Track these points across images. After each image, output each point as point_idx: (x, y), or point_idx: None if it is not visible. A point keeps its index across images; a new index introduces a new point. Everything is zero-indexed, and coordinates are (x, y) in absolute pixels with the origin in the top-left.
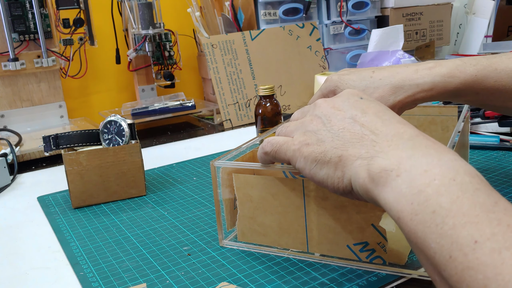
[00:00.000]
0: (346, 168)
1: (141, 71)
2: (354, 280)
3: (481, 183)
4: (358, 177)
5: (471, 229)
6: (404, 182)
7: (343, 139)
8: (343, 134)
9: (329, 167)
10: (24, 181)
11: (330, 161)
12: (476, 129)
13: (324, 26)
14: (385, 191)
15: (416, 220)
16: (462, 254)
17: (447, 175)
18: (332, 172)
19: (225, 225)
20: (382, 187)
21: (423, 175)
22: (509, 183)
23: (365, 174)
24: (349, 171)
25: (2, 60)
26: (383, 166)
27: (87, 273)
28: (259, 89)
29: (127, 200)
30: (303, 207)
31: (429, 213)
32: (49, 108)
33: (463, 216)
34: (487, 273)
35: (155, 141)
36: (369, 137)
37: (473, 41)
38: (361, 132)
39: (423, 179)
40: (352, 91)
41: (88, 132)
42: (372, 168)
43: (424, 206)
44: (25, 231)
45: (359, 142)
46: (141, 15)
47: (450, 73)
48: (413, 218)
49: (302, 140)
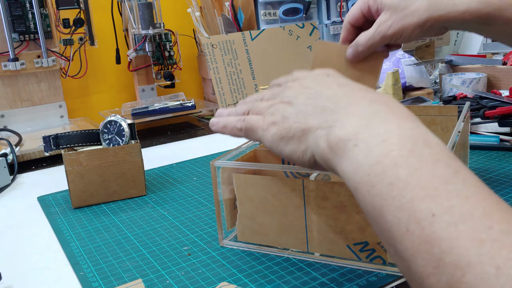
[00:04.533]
0: (308, 140)
1: (141, 71)
2: (354, 280)
3: (441, 153)
4: (318, 147)
5: (429, 202)
6: (361, 152)
7: (305, 113)
8: (306, 108)
9: (294, 141)
10: (24, 181)
11: (294, 136)
12: (476, 129)
13: (324, 26)
14: (343, 161)
15: (373, 192)
16: (420, 228)
17: (405, 145)
18: (296, 146)
19: (225, 225)
20: (340, 157)
21: (381, 145)
22: (509, 183)
23: (324, 144)
24: (310, 142)
25: (2, 60)
26: (341, 135)
27: (87, 273)
28: (259, 89)
29: (127, 200)
30: (303, 207)
31: (387, 185)
32: (49, 108)
33: (422, 190)
34: (442, 247)
35: (155, 141)
36: (329, 107)
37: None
38: (322, 104)
39: (381, 149)
40: (320, 71)
41: (88, 132)
42: (330, 138)
43: (381, 177)
44: (25, 231)
45: (320, 113)
46: (141, 15)
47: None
48: (370, 190)
49: (270, 120)
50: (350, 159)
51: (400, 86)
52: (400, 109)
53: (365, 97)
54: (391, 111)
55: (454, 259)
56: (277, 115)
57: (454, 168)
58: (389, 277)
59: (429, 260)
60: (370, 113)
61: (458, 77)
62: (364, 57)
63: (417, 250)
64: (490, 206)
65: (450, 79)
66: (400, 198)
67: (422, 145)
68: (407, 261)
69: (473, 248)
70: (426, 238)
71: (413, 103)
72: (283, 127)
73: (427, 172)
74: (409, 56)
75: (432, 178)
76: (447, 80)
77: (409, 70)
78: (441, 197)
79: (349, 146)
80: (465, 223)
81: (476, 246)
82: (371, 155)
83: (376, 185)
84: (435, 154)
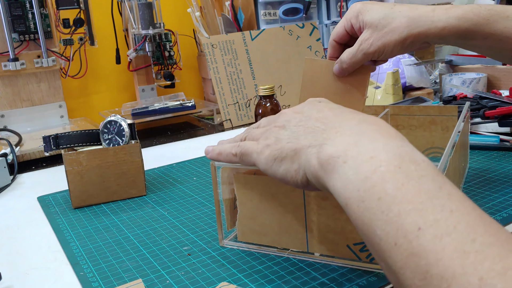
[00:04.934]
0: (300, 159)
1: (141, 71)
2: (354, 280)
3: (427, 169)
4: (309, 165)
5: (415, 216)
6: (350, 168)
7: (297, 134)
8: (298, 130)
9: (286, 162)
10: (24, 181)
11: (286, 156)
12: (476, 129)
13: (324, 26)
14: (333, 177)
15: (363, 207)
16: (407, 241)
17: (393, 162)
18: (289, 166)
19: (225, 225)
20: (330, 174)
21: (369, 162)
22: (509, 183)
23: (315, 161)
24: (302, 161)
25: (2, 60)
26: (330, 153)
27: (87, 273)
28: (259, 89)
29: (127, 200)
30: (303, 207)
31: (375, 200)
32: (49, 108)
33: (408, 203)
34: (429, 259)
35: (155, 141)
36: (319, 128)
37: None
38: (313, 125)
39: (369, 165)
40: (313, 99)
41: (88, 132)
42: (320, 156)
43: (370, 193)
44: (25, 231)
45: (310, 133)
46: (141, 15)
47: (464, 15)
48: (360, 205)
49: (264, 143)
50: (340, 175)
51: (400, 86)
52: (388, 128)
53: (354, 118)
54: (379, 130)
55: (440, 271)
56: (271, 138)
57: (439, 183)
58: None
59: (416, 273)
60: (359, 132)
61: (458, 77)
62: (349, 73)
63: (405, 262)
64: (473, 219)
65: (450, 79)
66: (388, 212)
67: (408, 162)
68: (397, 273)
69: (458, 259)
70: (413, 250)
71: (413, 103)
72: (276, 148)
73: (413, 187)
74: (409, 56)
75: (418, 193)
76: (447, 80)
77: (409, 70)
78: (427, 211)
79: (339, 162)
80: (450, 236)
81: (461, 258)
82: (360, 171)
83: (365, 200)
84: (421, 171)
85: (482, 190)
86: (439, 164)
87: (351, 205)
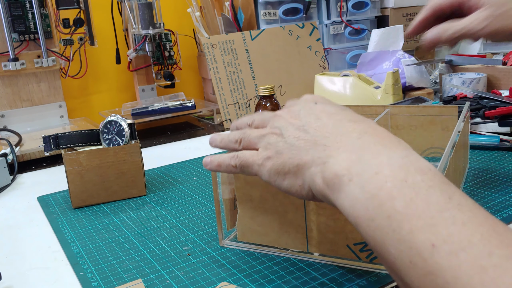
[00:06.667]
0: (304, 176)
1: (141, 71)
2: (354, 280)
3: (434, 179)
4: (315, 183)
5: (427, 233)
6: (357, 186)
7: (298, 148)
8: (298, 143)
9: (290, 177)
10: (24, 181)
11: (289, 171)
12: (476, 129)
13: (324, 26)
14: (340, 197)
15: (373, 226)
16: (422, 260)
17: (398, 175)
18: (293, 181)
19: (225, 225)
20: (337, 192)
21: (375, 178)
22: (509, 183)
23: (320, 180)
24: (306, 178)
25: (2, 60)
26: (335, 171)
27: (87, 273)
28: (259, 89)
29: (127, 200)
30: (303, 207)
31: (385, 218)
32: (49, 108)
33: (419, 219)
34: (446, 277)
35: (155, 141)
36: (320, 142)
37: None
38: (313, 138)
39: (375, 182)
40: (309, 97)
41: (88, 132)
42: (325, 175)
43: (379, 211)
44: (25, 231)
45: (312, 148)
46: (141, 15)
47: None
48: (370, 224)
49: (264, 155)
50: (347, 194)
51: (400, 86)
52: (390, 138)
53: (354, 129)
54: (381, 142)
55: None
56: (271, 150)
57: (448, 193)
58: (389, 277)
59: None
60: (361, 146)
61: (458, 77)
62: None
63: (422, 281)
64: (487, 230)
65: (450, 79)
66: (399, 230)
67: (414, 173)
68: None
69: (476, 276)
70: (429, 269)
71: (413, 103)
72: (277, 162)
73: (422, 201)
74: (409, 56)
75: (428, 207)
76: (447, 80)
77: (409, 70)
78: (439, 225)
79: (344, 181)
80: (465, 251)
81: (479, 273)
82: (366, 189)
83: (375, 219)
84: (428, 181)
85: (482, 190)
86: (439, 164)
87: (361, 224)
